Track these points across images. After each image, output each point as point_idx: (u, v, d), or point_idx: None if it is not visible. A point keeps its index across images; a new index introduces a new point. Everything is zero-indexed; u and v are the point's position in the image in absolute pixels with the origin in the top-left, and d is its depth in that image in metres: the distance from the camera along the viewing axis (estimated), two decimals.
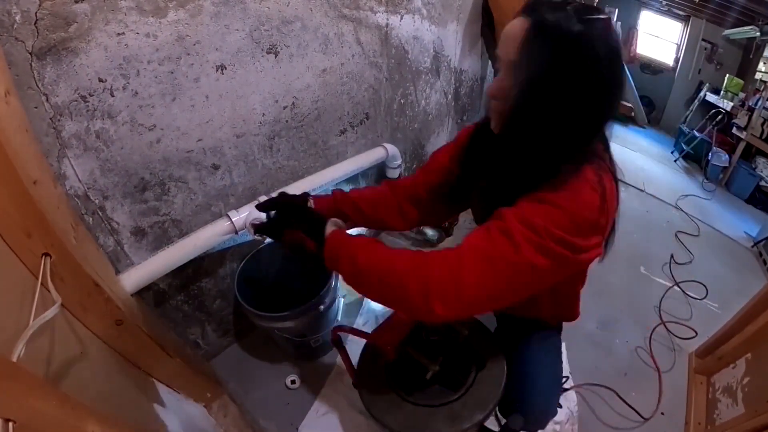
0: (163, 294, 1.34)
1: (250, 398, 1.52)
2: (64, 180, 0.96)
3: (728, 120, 4.56)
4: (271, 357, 1.66)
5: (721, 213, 3.57)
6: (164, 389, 1.15)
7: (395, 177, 1.96)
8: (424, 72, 1.99)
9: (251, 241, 1.50)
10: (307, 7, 1.28)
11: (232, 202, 1.36)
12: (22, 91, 0.82)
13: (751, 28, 4.64)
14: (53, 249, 0.74)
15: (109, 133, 0.99)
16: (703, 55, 5.67)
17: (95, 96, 0.93)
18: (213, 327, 1.59)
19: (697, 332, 1.94)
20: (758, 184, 3.94)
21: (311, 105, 1.46)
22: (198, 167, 1.22)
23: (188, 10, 1.01)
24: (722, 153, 4.36)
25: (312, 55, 1.37)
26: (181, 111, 1.10)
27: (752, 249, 2.99)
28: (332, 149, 1.65)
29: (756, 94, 4.27)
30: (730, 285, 2.47)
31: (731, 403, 1.41)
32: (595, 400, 1.62)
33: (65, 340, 0.78)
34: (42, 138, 0.88)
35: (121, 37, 0.92)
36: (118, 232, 1.12)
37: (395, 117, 1.93)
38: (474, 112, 2.76)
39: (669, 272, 2.45)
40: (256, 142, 1.34)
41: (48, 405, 0.55)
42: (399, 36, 1.71)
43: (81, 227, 0.92)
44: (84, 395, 0.69)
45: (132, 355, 1.02)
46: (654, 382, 1.72)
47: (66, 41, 0.85)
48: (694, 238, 2.94)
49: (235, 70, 1.17)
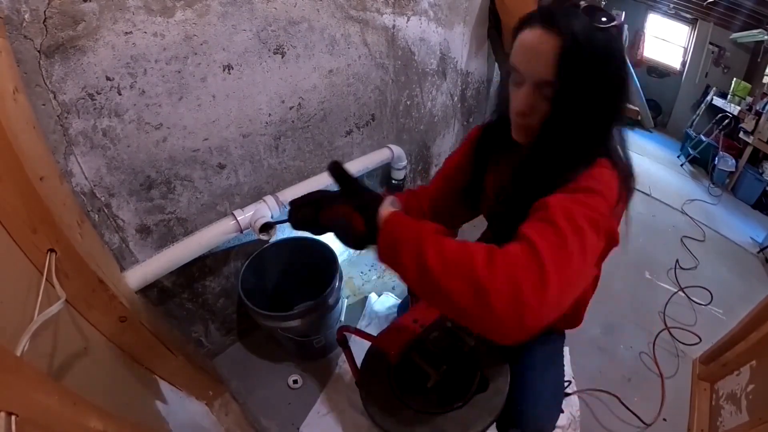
0: (167, 292, 1.34)
1: (252, 397, 1.52)
2: (70, 177, 0.96)
3: (735, 124, 4.52)
4: (273, 356, 1.66)
5: (727, 218, 3.54)
6: (167, 386, 1.15)
7: (401, 178, 1.96)
8: (431, 74, 1.99)
9: (256, 241, 1.50)
10: (314, 8, 1.29)
11: (238, 201, 1.36)
12: (30, 89, 0.83)
13: (759, 31, 4.60)
14: (58, 245, 0.75)
15: (115, 131, 1.00)
16: (710, 58, 5.64)
17: (102, 94, 0.94)
18: (216, 325, 1.59)
19: (701, 338, 1.93)
20: (765, 190, 3.90)
21: (317, 106, 1.47)
22: (204, 166, 1.22)
23: (196, 9, 1.02)
24: (729, 157, 4.32)
25: (319, 56, 1.38)
26: (187, 110, 1.11)
27: (758, 255, 2.97)
28: (338, 150, 1.66)
29: (763, 98, 4.23)
30: (736, 291, 2.45)
31: (735, 411, 1.40)
32: (598, 406, 1.61)
33: (69, 335, 0.79)
34: (49, 135, 0.89)
35: (129, 36, 0.93)
36: (124, 229, 1.12)
37: (401, 118, 1.93)
38: (480, 115, 2.75)
39: (674, 277, 2.43)
40: (262, 142, 1.34)
41: (51, 400, 0.55)
42: (406, 37, 1.71)
43: (86, 224, 0.93)
44: (86, 391, 0.69)
45: (135, 352, 1.03)
46: (657, 388, 1.71)
47: (74, 39, 0.85)
48: (700, 243, 2.91)
49: (242, 70, 1.18)
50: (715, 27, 5.44)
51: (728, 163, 4.29)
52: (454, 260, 0.57)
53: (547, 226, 0.61)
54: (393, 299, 1.92)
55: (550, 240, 0.59)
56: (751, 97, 4.63)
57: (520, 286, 0.54)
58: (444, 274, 0.57)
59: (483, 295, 0.54)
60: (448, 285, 0.56)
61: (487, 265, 0.56)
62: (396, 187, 2.01)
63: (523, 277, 0.55)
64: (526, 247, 0.58)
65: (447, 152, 2.56)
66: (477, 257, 0.57)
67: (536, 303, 0.54)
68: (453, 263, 0.57)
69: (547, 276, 0.55)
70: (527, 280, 0.55)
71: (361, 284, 2.04)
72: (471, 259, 0.57)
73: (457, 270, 0.57)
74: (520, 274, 0.55)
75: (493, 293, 0.54)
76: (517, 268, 0.56)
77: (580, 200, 0.66)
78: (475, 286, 0.55)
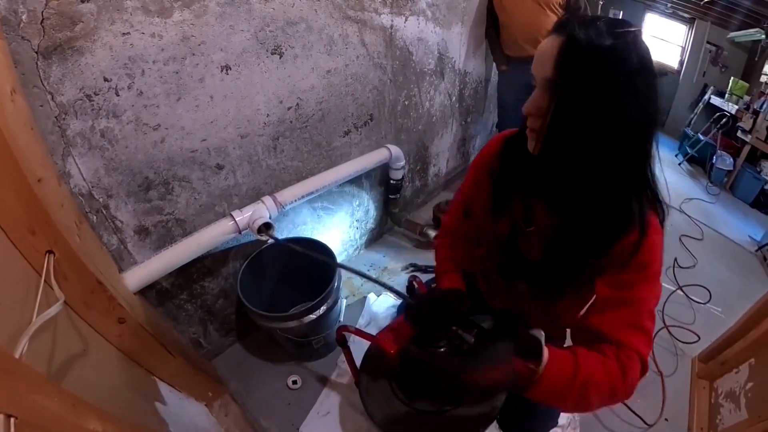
0: (166, 293, 1.34)
1: (251, 398, 1.52)
2: (68, 178, 0.96)
3: (733, 123, 4.52)
4: (272, 357, 1.66)
5: (725, 217, 3.54)
6: (166, 388, 1.15)
7: (399, 178, 1.97)
8: (429, 73, 1.99)
9: (254, 241, 1.50)
10: (311, 9, 1.29)
11: (236, 202, 1.36)
12: (28, 90, 0.82)
13: (757, 30, 4.61)
14: (57, 247, 0.74)
15: (113, 132, 1.00)
16: (708, 57, 5.64)
17: (100, 95, 0.94)
18: (215, 326, 1.59)
19: (700, 336, 1.93)
20: (763, 188, 3.91)
21: (315, 106, 1.46)
22: (202, 167, 1.22)
23: (193, 10, 1.02)
24: (727, 156, 4.32)
25: (317, 56, 1.38)
26: (185, 111, 1.11)
27: (756, 253, 2.97)
28: (336, 150, 1.66)
29: (761, 97, 4.23)
30: (734, 289, 2.45)
31: (734, 409, 1.40)
32: None
33: (68, 337, 0.79)
34: (47, 136, 0.89)
35: (127, 36, 0.93)
36: (122, 230, 1.12)
37: (399, 118, 1.93)
38: (478, 114, 2.76)
39: (673, 276, 2.43)
40: (261, 143, 1.34)
41: (50, 402, 0.55)
42: (403, 37, 1.71)
43: (85, 225, 0.93)
44: (86, 393, 0.69)
45: (134, 353, 1.02)
46: (657, 387, 1.71)
47: (72, 40, 0.85)
48: (698, 241, 2.92)
49: (240, 71, 1.18)
50: (713, 26, 5.44)
51: (726, 161, 4.29)
52: (608, 392, 0.68)
53: (641, 335, 0.72)
54: (392, 299, 1.92)
55: (647, 347, 0.73)
56: (748, 96, 4.63)
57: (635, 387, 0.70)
58: (600, 406, 0.70)
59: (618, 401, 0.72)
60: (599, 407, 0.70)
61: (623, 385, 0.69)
62: (394, 187, 2.01)
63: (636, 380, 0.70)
64: (637, 362, 0.71)
65: (445, 152, 2.57)
66: (618, 384, 0.69)
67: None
68: (608, 396, 0.69)
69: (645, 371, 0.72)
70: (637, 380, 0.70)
71: (360, 284, 2.04)
72: (615, 388, 0.68)
73: (610, 401, 0.70)
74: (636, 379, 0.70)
75: (623, 399, 0.71)
76: (636, 380, 0.70)
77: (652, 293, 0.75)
78: (615, 400, 0.70)
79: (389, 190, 2.06)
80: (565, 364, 0.67)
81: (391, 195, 2.10)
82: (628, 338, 0.71)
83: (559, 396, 0.66)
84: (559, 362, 0.66)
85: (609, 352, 0.70)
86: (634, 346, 0.71)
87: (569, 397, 0.66)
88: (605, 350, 0.71)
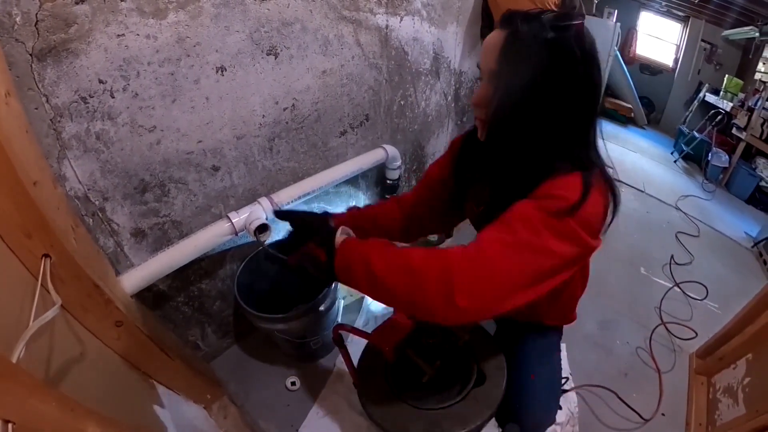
0: (163, 295, 1.34)
1: (250, 400, 1.52)
2: (64, 181, 0.96)
3: (728, 120, 4.56)
4: (271, 358, 1.66)
5: (721, 213, 3.57)
6: (164, 391, 1.15)
7: (395, 178, 1.97)
8: (424, 73, 1.99)
9: (251, 243, 1.50)
10: (307, 9, 1.28)
11: (232, 203, 1.36)
12: (23, 93, 0.82)
13: (751, 28, 4.64)
14: (53, 250, 0.74)
15: (109, 134, 0.99)
16: (703, 55, 5.68)
17: (95, 97, 0.93)
18: (213, 328, 1.59)
19: (697, 333, 1.94)
20: (758, 185, 3.94)
21: (311, 106, 1.46)
22: (198, 169, 1.22)
23: (188, 11, 1.02)
24: (722, 153, 4.35)
25: (312, 57, 1.37)
26: (181, 112, 1.10)
27: (752, 249, 2.99)
28: (332, 151, 1.65)
29: (755, 94, 4.27)
30: (731, 285, 2.47)
31: (732, 404, 1.41)
32: (596, 401, 1.62)
33: (65, 341, 0.78)
34: (42, 139, 0.88)
35: (122, 38, 0.93)
36: (118, 233, 1.12)
37: (395, 118, 1.93)
38: (473, 114, 2.76)
39: (669, 273, 2.44)
40: (256, 144, 1.34)
41: (47, 406, 0.55)
42: (399, 37, 1.71)
43: (81, 228, 0.92)
44: (84, 396, 0.68)
45: (132, 356, 1.02)
46: (654, 383, 1.71)
47: (66, 42, 0.85)
48: (695, 238, 2.94)
49: (235, 72, 1.18)
50: (707, 24, 5.48)
51: (721, 158, 4.33)
52: (395, 261, 0.68)
53: (503, 227, 0.69)
54: None
55: (499, 237, 0.67)
56: (743, 93, 4.67)
57: (450, 269, 0.63)
58: (387, 273, 0.67)
59: (417, 280, 0.65)
60: (392, 281, 0.67)
61: (423, 258, 0.66)
62: (391, 187, 2.01)
63: (455, 261, 0.64)
64: (472, 242, 0.68)
65: (441, 151, 2.55)
66: (414, 254, 0.67)
67: (466, 283, 0.63)
68: (394, 264, 0.68)
69: (484, 262, 0.64)
70: (459, 263, 0.64)
71: None
72: (408, 256, 0.67)
73: (397, 268, 0.67)
74: (452, 258, 0.65)
75: (424, 275, 0.64)
76: (451, 254, 0.65)
77: (541, 205, 0.69)
78: (411, 274, 0.65)
79: (386, 190, 2.06)
80: (355, 249, 0.74)
81: (387, 195, 2.10)
82: (485, 230, 0.70)
83: (351, 277, 0.73)
84: (349, 247, 0.75)
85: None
86: (479, 234, 0.70)
87: (361, 278, 0.71)
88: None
